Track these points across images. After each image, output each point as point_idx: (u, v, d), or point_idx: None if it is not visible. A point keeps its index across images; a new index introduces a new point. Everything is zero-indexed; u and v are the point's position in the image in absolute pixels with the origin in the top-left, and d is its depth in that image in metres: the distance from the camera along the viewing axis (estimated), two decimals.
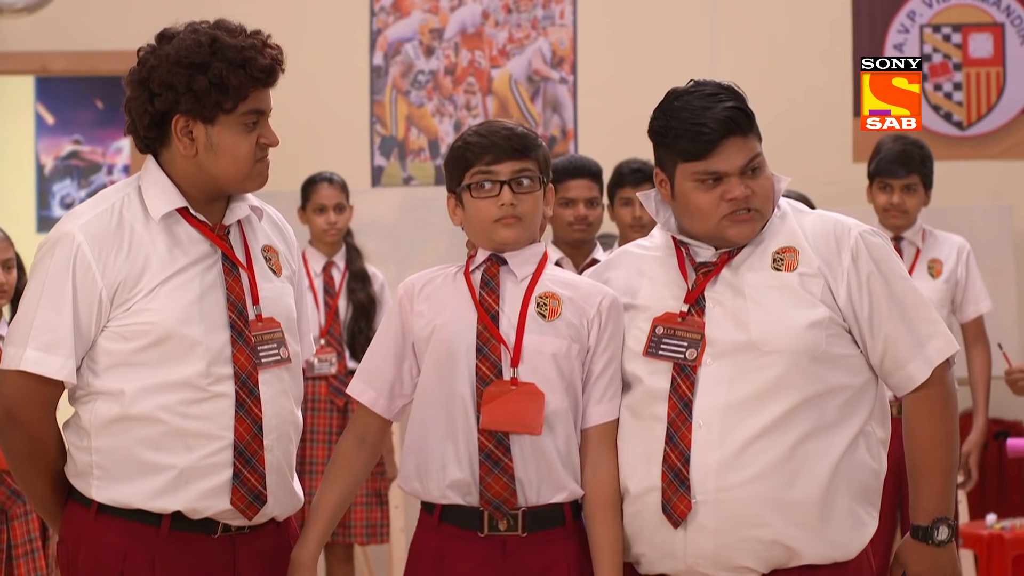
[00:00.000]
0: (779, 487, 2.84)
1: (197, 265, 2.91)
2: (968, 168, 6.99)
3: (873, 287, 2.90)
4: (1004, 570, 5.50)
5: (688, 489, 2.86)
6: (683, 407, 2.89)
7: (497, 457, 2.90)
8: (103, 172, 9.58)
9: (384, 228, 6.73)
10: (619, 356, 2.99)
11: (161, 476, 2.86)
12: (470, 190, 2.98)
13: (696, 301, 2.94)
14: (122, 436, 2.86)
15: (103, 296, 2.85)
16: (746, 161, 2.91)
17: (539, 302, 2.97)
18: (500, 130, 3.03)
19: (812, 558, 2.87)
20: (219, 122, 2.89)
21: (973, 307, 5.39)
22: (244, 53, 2.86)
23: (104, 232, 2.88)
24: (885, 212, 5.24)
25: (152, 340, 2.86)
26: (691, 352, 2.90)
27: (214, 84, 2.85)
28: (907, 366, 2.92)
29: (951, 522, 2.94)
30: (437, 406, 2.96)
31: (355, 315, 5.95)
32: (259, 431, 2.90)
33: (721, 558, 2.87)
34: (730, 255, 2.96)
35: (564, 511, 2.96)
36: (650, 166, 5.42)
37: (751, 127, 2.93)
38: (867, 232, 2.96)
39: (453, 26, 7.23)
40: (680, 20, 7.16)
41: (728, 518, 2.85)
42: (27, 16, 7.02)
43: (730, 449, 2.85)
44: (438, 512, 2.96)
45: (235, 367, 2.89)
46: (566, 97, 7.15)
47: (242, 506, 2.89)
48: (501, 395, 2.91)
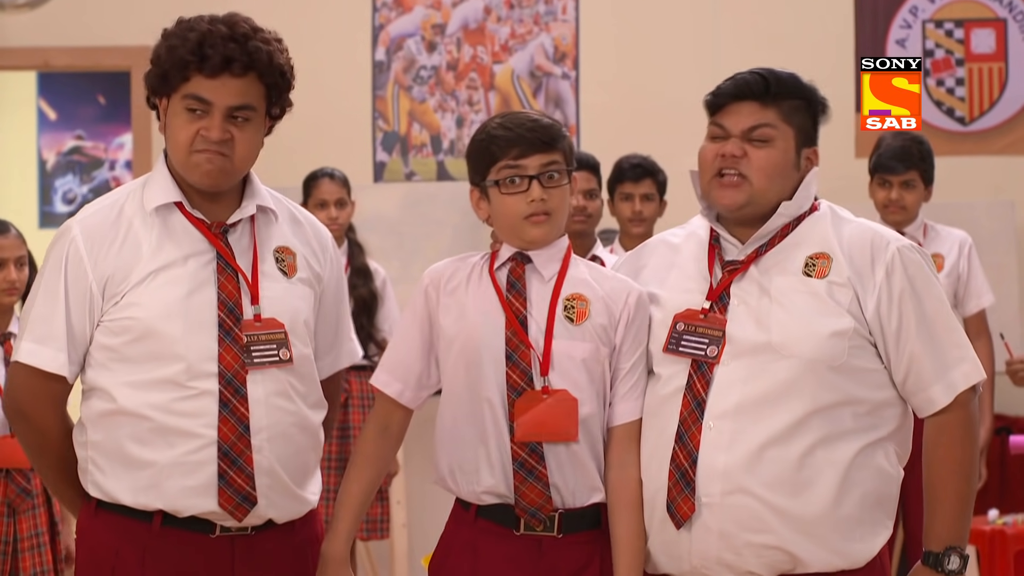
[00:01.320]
0: (785, 495, 2.81)
1: (190, 261, 2.90)
2: (971, 164, 6.98)
3: (904, 304, 2.85)
4: (1006, 566, 5.50)
5: (693, 490, 2.84)
6: (696, 406, 2.86)
7: (531, 466, 2.86)
8: (105, 168, 9.57)
9: (387, 224, 6.72)
10: (645, 353, 2.96)
11: (143, 472, 2.85)
12: (498, 186, 2.92)
13: (720, 298, 2.92)
14: (112, 431, 2.87)
15: (93, 289, 2.86)
16: (751, 125, 2.91)
17: (566, 304, 2.93)
18: (526, 122, 2.93)
19: (817, 567, 2.84)
20: (170, 100, 2.89)
21: (975, 301, 5.39)
22: (204, 37, 2.85)
23: (101, 226, 2.89)
24: (884, 208, 5.24)
25: (135, 336, 2.86)
26: (712, 349, 2.88)
27: (168, 55, 2.86)
28: (930, 388, 2.87)
29: (964, 552, 2.88)
30: (466, 410, 2.91)
31: (356, 311, 5.94)
32: (245, 431, 2.86)
33: (725, 561, 2.84)
34: (759, 253, 2.93)
35: (600, 513, 2.93)
36: (650, 161, 5.50)
37: (771, 98, 2.93)
38: (906, 247, 2.91)
39: (455, 21, 7.23)
40: (683, 16, 7.15)
41: (732, 522, 2.82)
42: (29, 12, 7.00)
43: (738, 453, 2.82)
44: (474, 508, 2.93)
45: (220, 366, 2.86)
46: (568, 92, 7.15)
47: (230, 507, 2.87)
48: (532, 406, 2.86)
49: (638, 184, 5.41)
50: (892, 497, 2.92)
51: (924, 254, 2.94)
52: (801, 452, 2.82)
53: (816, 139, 3.02)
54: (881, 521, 2.89)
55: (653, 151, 5.63)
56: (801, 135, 2.97)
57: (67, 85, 9.48)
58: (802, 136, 2.97)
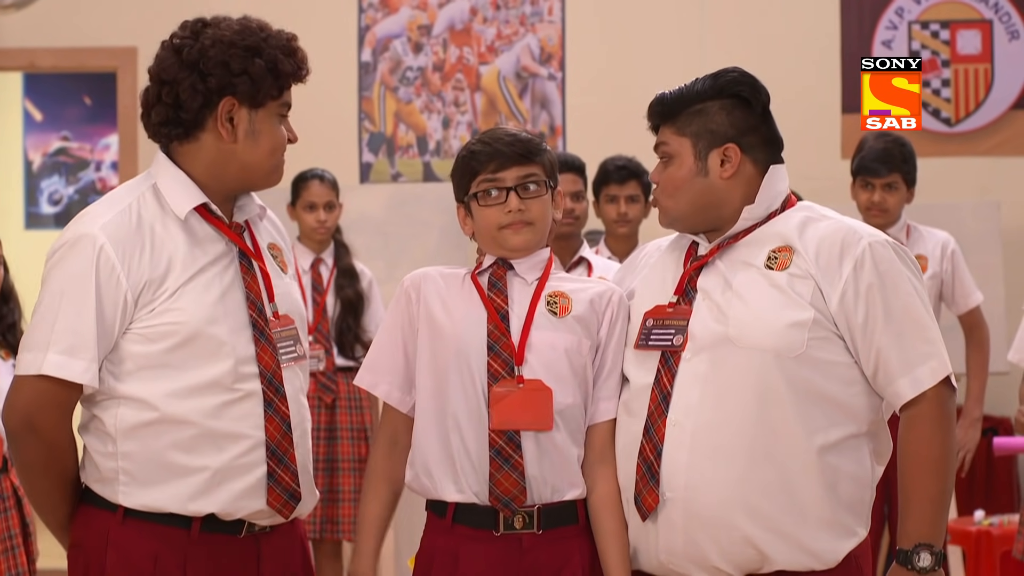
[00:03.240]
0: (750, 490, 2.81)
1: (216, 264, 2.89)
2: (956, 164, 7.00)
3: (871, 298, 2.84)
4: (992, 566, 5.51)
5: (658, 483, 2.85)
6: (662, 400, 2.88)
7: (508, 454, 2.89)
8: (91, 168, 9.56)
9: (373, 224, 6.72)
10: (623, 353, 3.00)
11: (194, 478, 2.83)
12: (477, 199, 2.99)
13: (684, 292, 2.94)
14: (151, 440, 2.82)
15: (128, 298, 2.80)
16: (656, 146, 3.01)
17: (550, 300, 2.98)
18: (503, 136, 3.01)
19: (786, 564, 2.83)
20: (265, 108, 2.90)
21: (964, 300, 5.41)
22: (290, 44, 2.93)
23: (126, 233, 2.83)
24: (867, 211, 5.25)
25: (179, 341, 2.82)
26: (678, 338, 2.90)
27: (269, 68, 2.87)
28: (896, 382, 2.85)
29: (936, 550, 2.83)
30: (447, 404, 2.94)
31: (343, 312, 5.95)
32: (288, 429, 2.89)
33: (692, 556, 2.85)
34: (721, 247, 2.94)
35: (577, 508, 2.95)
36: (635, 163, 5.50)
37: (669, 117, 2.99)
38: (880, 243, 2.89)
39: (441, 22, 7.23)
40: (669, 16, 7.16)
41: (696, 516, 2.83)
42: (16, 12, 7.01)
43: (701, 449, 2.83)
44: (450, 514, 2.94)
45: (260, 366, 2.87)
46: (555, 93, 7.15)
47: (278, 505, 2.88)
48: (508, 394, 2.90)
49: (623, 186, 5.41)
50: (863, 501, 2.90)
51: (902, 250, 2.91)
52: (765, 446, 2.82)
53: (741, 134, 2.96)
54: (853, 522, 2.88)
55: (639, 153, 5.61)
56: (702, 140, 2.95)
57: (53, 86, 9.47)
58: (704, 141, 2.95)
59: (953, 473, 2.89)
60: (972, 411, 5.40)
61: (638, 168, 5.44)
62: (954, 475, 2.90)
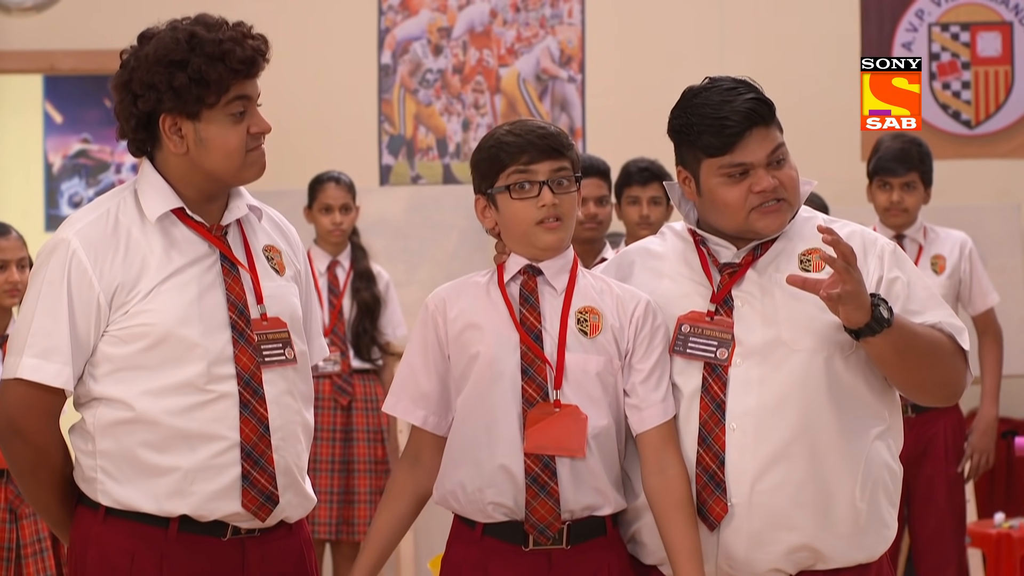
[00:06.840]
0: (815, 492, 2.83)
1: (195, 266, 2.90)
2: (976, 167, 6.98)
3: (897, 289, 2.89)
4: (1012, 569, 5.50)
5: (724, 492, 2.84)
6: (715, 408, 2.86)
7: (543, 481, 2.84)
8: (111, 171, 9.58)
9: (392, 227, 6.73)
10: (665, 357, 2.92)
11: (166, 478, 2.84)
12: (508, 191, 2.91)
13: (724, 301, 2.92)
14: (125, 439, 2.85)
15: (100, 300, 2.84)
16: (770, 151, 2.88)
17: (579, 318, 2.91)
18: (535, 128, 2.92)
19: (839, 562, 2.86)
20: (204, 117, 2.88)
21: (981, 300, 5.40)
22: (222, 46, 2.85)
23: (100, 236, 2.87)
24: (885, 211, 5.24)
25: (151, 342, 2.84)
26: (722, 351, 2.88)
27: (194, 80, 2.84)
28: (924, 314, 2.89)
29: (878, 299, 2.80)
30: (481, 426, 2.89)
31: (359, 314, 5.96)
32: (266, 431, 2.88)
33: (752, 561, 2.85)
34: (755, 255, 2.94)
35: (605, 521, 2.91)
36: (657, 165, 5.49)
37: (772, 117, 2.90)
38: (891, 244, 2.97)
39: (461, 25, 7.23)
40: (689, 19, 7.16)
41: (763, 521, 2.83)
42: (36, 15, 7.03)
43: (765, 452, 2.83)
44: (480, 527, 2.90)
45: (237, 367, 2.87)
46: (574, 96, 7.15)
47: (254, 507, 2.88)
48: (544, 418, 2.84)
49: (645, 188, 5.40)
50: (897, 492, 2.94)
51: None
52: (824, 445, 2.84)
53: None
54: (891, 514, 2.92)
55: (660, 155, 5.62)
56: (781, 134, 2.96)
57: (73, 88, 9.48)
58: (781, 135, 2.96)
59: (937, 363, 2.89)
60: (987, 410, 5.37)
61: (660, 170, 5.43)
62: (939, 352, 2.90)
